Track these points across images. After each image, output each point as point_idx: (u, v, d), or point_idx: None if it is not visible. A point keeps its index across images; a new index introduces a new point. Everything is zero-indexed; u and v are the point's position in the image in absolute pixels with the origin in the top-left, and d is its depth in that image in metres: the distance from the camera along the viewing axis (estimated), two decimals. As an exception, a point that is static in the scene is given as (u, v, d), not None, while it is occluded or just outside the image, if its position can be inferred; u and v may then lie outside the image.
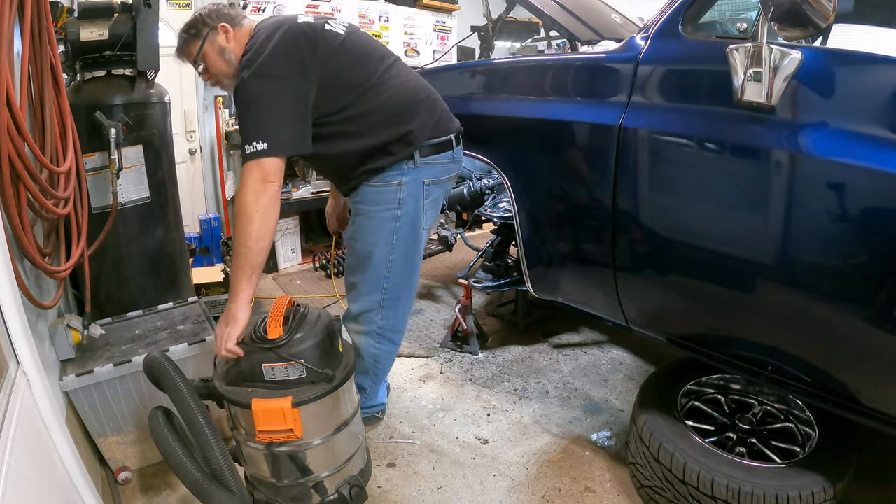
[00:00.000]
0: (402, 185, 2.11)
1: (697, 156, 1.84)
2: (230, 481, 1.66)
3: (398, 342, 2.41)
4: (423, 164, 2.12)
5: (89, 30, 2.48)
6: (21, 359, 1.63)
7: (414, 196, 2.14)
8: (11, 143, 1.53)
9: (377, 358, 2.36)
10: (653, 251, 2.03)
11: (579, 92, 2.20)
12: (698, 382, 2.27)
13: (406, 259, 2.23)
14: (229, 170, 5.12)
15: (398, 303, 2.29)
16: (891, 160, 1.40)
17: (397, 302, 2.29)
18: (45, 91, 1.93)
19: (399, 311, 2.32)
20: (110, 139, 2.38)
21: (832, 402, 1.74)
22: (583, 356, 3.24)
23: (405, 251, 2.21)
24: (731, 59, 1.63)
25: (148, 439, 2.14)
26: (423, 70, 2.99)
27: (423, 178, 2.14)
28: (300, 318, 1.77)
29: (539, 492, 2.19)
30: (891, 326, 1.49)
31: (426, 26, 6.05)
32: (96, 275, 2.54)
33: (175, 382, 1.72)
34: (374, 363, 2.37)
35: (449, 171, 2.26)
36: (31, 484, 1.45)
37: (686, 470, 1.85)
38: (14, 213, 1.60)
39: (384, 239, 2.17)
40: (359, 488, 1.85)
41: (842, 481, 1.77)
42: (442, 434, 2.56)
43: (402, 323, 2.37)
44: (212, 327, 2.41)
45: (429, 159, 2.14)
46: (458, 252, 4.95)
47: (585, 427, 2.59)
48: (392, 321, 2.32)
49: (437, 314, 3.86)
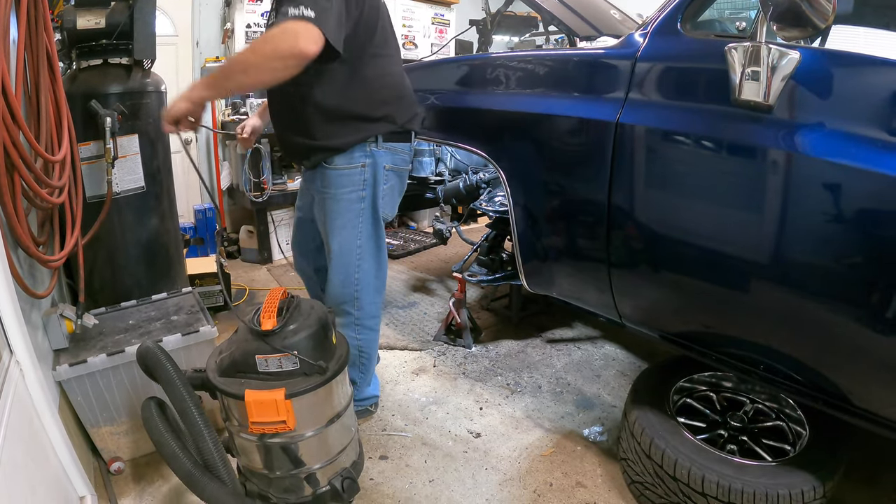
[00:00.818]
0: (365, 167, 2.14)
1: (693, 153, 1.84)
2: (222, 472, 1.66)
3: (377, 328, 2.45)
4: (384, 149, 2.15)
5: (86, 18, 2.47)
6: (14, 348, 1.63)
7: (375, 179, 2.17)
8: (6, 131, 1.52)
9: (360, 348, 2.39)
10: (647, 248, 2.03)
11: (577, 87, 2.20)
12: (690, 379, 2.28)
13: (372, 242, 2.26)
14: (224, 160, 5.10)
15: (371, 290, 2.32)
16: (886, 162, 1.40)
17: (370, 289, 2.32)
18: (41, 79, 1.92)
19: (373, 298, 2.35)
20: (106, 128, 2.37)
21: (823, 401, 1.75)
22: (576, 351, 3.25)
23: (371, 234, 2.24)
24: (730, 57, 1.63)
25: (141, 430, 2.15)
26: (421, 63, 2.98)
27: (383, 162, 2.17)
28: (294, 310, 1.77)
29: (530, 486, 2.20)
30: (883, 327, 1.50)
31: (424, 19, 6.02)
32: (90, 264, 2.53)
33: (168, 373, 1.72)
34: (359, 353, 2.40)
35: (405, 163, 2.29)
36: (24, 473, 1.45)
37: (677, 466, 1.86)
38: (8, 202, 1.60)
39: (351, 222, 2.20)
40: (351, 480, 1.85)
41: (832, 480, 1.79)
42: (434, 427, 2.57)
43: (377, 308, 2.40)
44: (206, 318, 2.40)
45: (390, 145, 2.17)
46: (453, 246, 4.95)
47: (577, 422, 2.60)
48: (368, 309, 2.35)
49: (430, 307, 3.87)
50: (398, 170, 2.26)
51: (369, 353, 2.45)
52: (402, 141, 2.22)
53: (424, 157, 3.90)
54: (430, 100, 2.82)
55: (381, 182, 2.19)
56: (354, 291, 2.28)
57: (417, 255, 5.08)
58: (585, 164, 2.14)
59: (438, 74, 2.91)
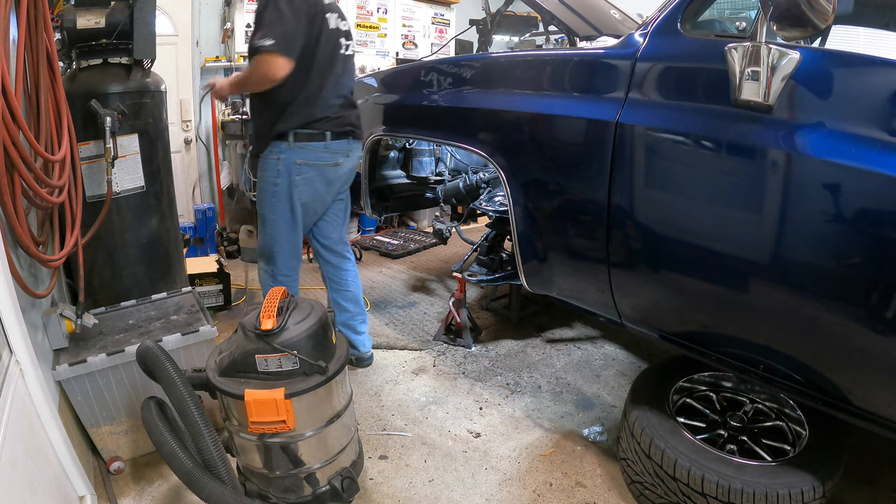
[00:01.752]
0: (279, 160, 2.60)
1: (693, 153, 1.84)
2: (222, 472, 1.66)
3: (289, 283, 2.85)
4: (297, 147, 2.59)
5: (86, 17, 2.47)
6: (14, 347, 1.63)
7: (288, 171, 2.61)
8: (6, 131, 1.52)
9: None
10: (647, 247, 2.03)
11: (577, 87, 2.20)
12: (690, 379, 2.28)
13: (283, 220, 2.70)
14: (224, 160, 5.11)
15: (284, 254, 2.79)
16: (885, 162, 1.40)
17: (284, 253, 2.78)
18: (41, 79, 1.92)
19: (287, 261, 2.81)
20: (105, 128, 2.37)
21: (823, 401, 1.75)
22: (576, 351, 3.26)
23: (282, 213, 2.69)
24: (730, 57, 1.63)
25: (140, 429, 2.15)
26: (421, 62, 2.98)
27: (295, 158, 2.60)
28: (293, 310, 1.77)
29: (530, 486, 2.20)
30: (882, 328, 1.50)
31: (424, 19, 6.03)
32: (90, 264, 2.54)
33: (168, 373, 1.72)
34: None
35: (321, 159, 2.67)
36: (23, 473, 1.45)
37: (676, 466, 1.86)
38: (8, 202, 1.60)
39: (267, 200, 2.69)
40: (350, 480, 1.85)
41: (832, 480, 1.79)
42: (434, 427, 2.57)
43: (290, 269, 2.84)
44: (206, 317, 2.40)
45: (302, 144, 2.60)
46: (453, 245, 4.96)
47: (577, 422, 2.60)
48: (281, 266, 2.80)
49: (430, 307, 3.87)
50: (313, 164, 2.66)
51: None
52: (315, 140, 2.62)
53: (424, 157, 3.89)
54: (430, 99, 2.82)
55: (294, 174, 2.62)
56: (271, 251, 2.78)
57: (417, 255, 5.08)
58: (585, 164, 2.14)
59: (438, 74, 2.91)
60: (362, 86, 3.52)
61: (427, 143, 3.72)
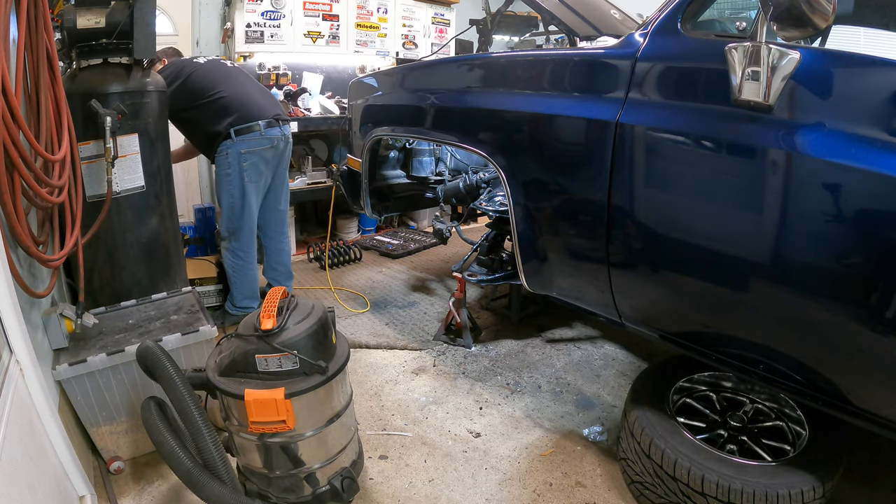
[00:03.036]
0: (228, 155, 3.25)
1: (693, 153, 1.84)
2: (222, 472, 1.66)
3: (247, 260, 3.46)
4: (239, 140, 3.24)
5: (86, 17, 2.47)
6: (14, 347, 1.63)
7: (236, 159, 3.26)
8: (6, 131, 1.52)
9: (233, 268, 3.46)
10: (647, 247, 2.03)
11: (577, 87, 2.20)
12: (690, 379, 2.28)
13: (240, 200, 3.33)
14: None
15: (242, 232, 3.39)
16: (886, 162, 1.41)
17: (241, 231, 3.38)
18: (41, 78, 1.92)
19: (244, 239, 3.40)
20: (106, 128, 2.36)
21: (823, 401, 1.75)
22: (575, 351, 3.26)
23: (238, 195, 3.32)
24: (730, 57, 1.63)
25: (140, 429, 2.15)
26: (421, 62, 2.98)
27: (240, 149, 3.25)
28: (294, 310, 1.77)
29: (530, 486, 2.21)
30: (882, 327, 1.50)
31: (425, 19, 6.02)
32: (90, 264, 2.54)
33: (168, 372, 1.72)
34: (232, 271, 3.47)
35: (260, 144, 3.32)
36: (23, 473, 1.45)
37: (676, 466, 1.86)
38: (8, 201, 1.60)
39: (225, 188, 3.33)
40: (350, 480, 1.85)
41: (831, 480, 1.79)
42: (434, 427, 2.57)
43: (249, 245, 3.44)
44: (206, 317, 2.40)
45: (242, 137, 3.25)
46: (453, 245, 4.96)
47: (577, 422, 2.60)
48: (239, 244, 3.40)
49: (430, 307, 3.87)
50: (255, 150, 3.30)
51: (239, 275, 3.46)
52: (251, 132, 3.27)
53: (424, 157, 3.89)
54: (430, 100, 2.82)
55: (241, 161, 3.27)
56: (231, 229, 3.37)
57: (417, 255, 5.08)
58: (585, 164, 2.14)
59: (438, 74, 2.91)
60: (362, 86, 3.52)
61: (427, 143, 3.71)
